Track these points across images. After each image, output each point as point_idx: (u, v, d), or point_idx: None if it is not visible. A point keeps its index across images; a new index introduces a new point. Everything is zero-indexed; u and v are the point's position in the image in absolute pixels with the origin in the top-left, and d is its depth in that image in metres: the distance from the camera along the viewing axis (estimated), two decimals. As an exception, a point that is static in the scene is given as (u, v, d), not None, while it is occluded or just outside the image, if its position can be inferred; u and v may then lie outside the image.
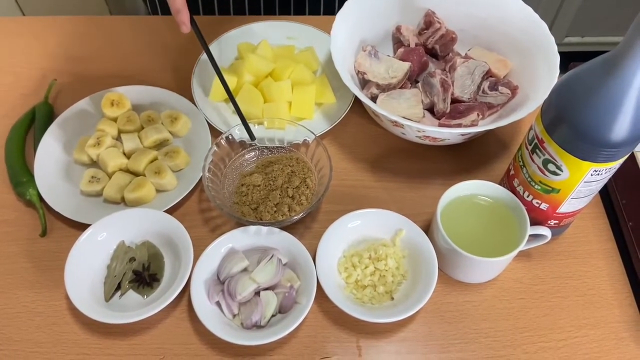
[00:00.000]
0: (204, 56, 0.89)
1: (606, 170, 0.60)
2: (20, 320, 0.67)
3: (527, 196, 0.68)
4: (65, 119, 0.82)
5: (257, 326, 0.65)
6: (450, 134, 0.73)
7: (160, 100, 0.85)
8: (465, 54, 0.87)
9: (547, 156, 0.61)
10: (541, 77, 0.78)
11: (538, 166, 0.63)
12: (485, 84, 0.82)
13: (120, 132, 0.80)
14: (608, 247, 0.75)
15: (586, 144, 0.57)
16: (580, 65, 0.58)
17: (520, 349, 0.66)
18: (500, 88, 0.81)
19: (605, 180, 0.63)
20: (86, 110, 0.84)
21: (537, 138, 0.62)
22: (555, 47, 0.79)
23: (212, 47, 0.91)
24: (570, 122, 0.57)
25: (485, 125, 0.73)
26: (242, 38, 0.92)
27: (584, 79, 0.56)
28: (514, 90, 0.81)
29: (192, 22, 0.74)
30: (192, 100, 0.84)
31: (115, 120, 0.81)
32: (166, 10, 1.08)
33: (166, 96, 0.85)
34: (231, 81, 0.84)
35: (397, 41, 0.90)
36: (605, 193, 0.80)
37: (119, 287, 0.69)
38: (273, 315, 0.66)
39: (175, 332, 0.67)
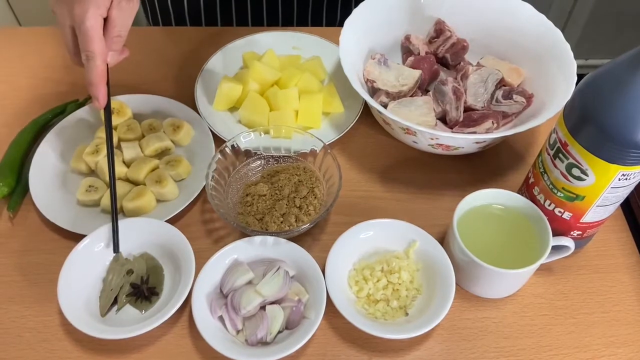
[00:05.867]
0: (208, 65, 0.87)
1: (635, 174, 0.56)
2: (9, 337, 0.63)
3: (549, 205, 0.64)
4: (63, 128, 0.79)
5: (263, 343, 0.61)
6: (465, 141, 0.70)
7: (162, 108, 0.82)
8: (477, 63, 0.85)
9: (571, 160, 0.58)
10: (557, 84, 0.75)
11: (561, 171, 0.60)
12: (499, 93, 0.79)
13: (120, 140, 0.77)
14: (632, 261, 0.71)
15: (614, 144, 0.53)
16: (605, 64, 0.55)
17: (545, 369, 0.62)
18: (514, 96, 0.78)
19: (633, 186, 0.59)
20: (85, 119, 0.81)
21: (560, 141, 0.59)
22: (571, 54, 0.76)
23: (216, 57, 0.88)
24: (597, 122, 0.54)
25: (502, 131, 0.70)
26: (246, 48, 0.90)
27: (610, 76, 0.53)
28: (529, 98, 0.78)
29: (108, 104, 0.67)
30: (195, 109, 0.81)
31: (115, 128, 0.78)
32: (167, 22, 1.07)
33: (168, 105, 0.82)
34: (236, 90, 0.81)
35: (407, 50, 0.88)
36: (626, 205, 0.76)
37: (115, 302, 0.64)
38: (280, 331, 0.62)
39: (175, 349, 0.62)
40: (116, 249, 0.66)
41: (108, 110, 0.68)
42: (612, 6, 1.90)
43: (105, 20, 0.63)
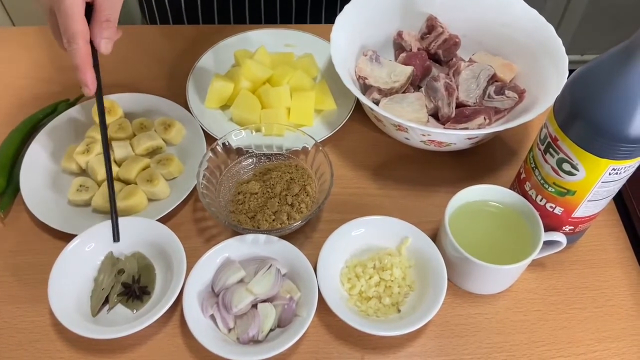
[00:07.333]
0: (200, 63, 0.86)
1: (625, 168, 0.56)
2: (0, 338, 0.63)
3: (540, 200, 0.64)
4: (54, 128, 0.78)
5: (255, 341, 0.61)
6: (457, 137, 0.70)
7: (153, 107, 0.81)
8: (469, 58, 0.84)
9: (561, 155, 0.58)
10: (549, 80, 0.75)
11: (552, 166, 0.60)
12: (491, 89, 0.79)
13: (111, 139, 0.77)
14: (625, 256, 0.71)
15: (604, 139, 0.53)
16: (594, 58, 0.55)
17: (538, 364, 0.62)
18: (506, 92, 0.78)
19: (624, 181, 0.59)
20: (76, 118, 0.80)
21: (550, 136, 0.58)
22: (563, 49, 0.76)
23: (208, 55, 0.88)
24: (586, 116, 0.54)
25: (494, 127, 0.70)
26: (239, 46, 0.90)
27: (599, 71, 0.53)
28: (521, 94, 0.78)
29: (99, 88, 0.65)
30: (186, 107, 0.81)
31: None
32: (164, 20, 1.06)
33: (160, 103, 0.81)
34: (227, 88, 0.81)
35: (399, 47, 0.87)
36: (619, 200, 0.76)
37: (106, 301, 0.64)
38: (271, 329, 0.62)
39: (167, 349, 0.62)
40: (116, 238, 0.66)
41: (99, 94, 0.66)
42: (607, 1, 1.89)
43: (92, 5, 0.62)
